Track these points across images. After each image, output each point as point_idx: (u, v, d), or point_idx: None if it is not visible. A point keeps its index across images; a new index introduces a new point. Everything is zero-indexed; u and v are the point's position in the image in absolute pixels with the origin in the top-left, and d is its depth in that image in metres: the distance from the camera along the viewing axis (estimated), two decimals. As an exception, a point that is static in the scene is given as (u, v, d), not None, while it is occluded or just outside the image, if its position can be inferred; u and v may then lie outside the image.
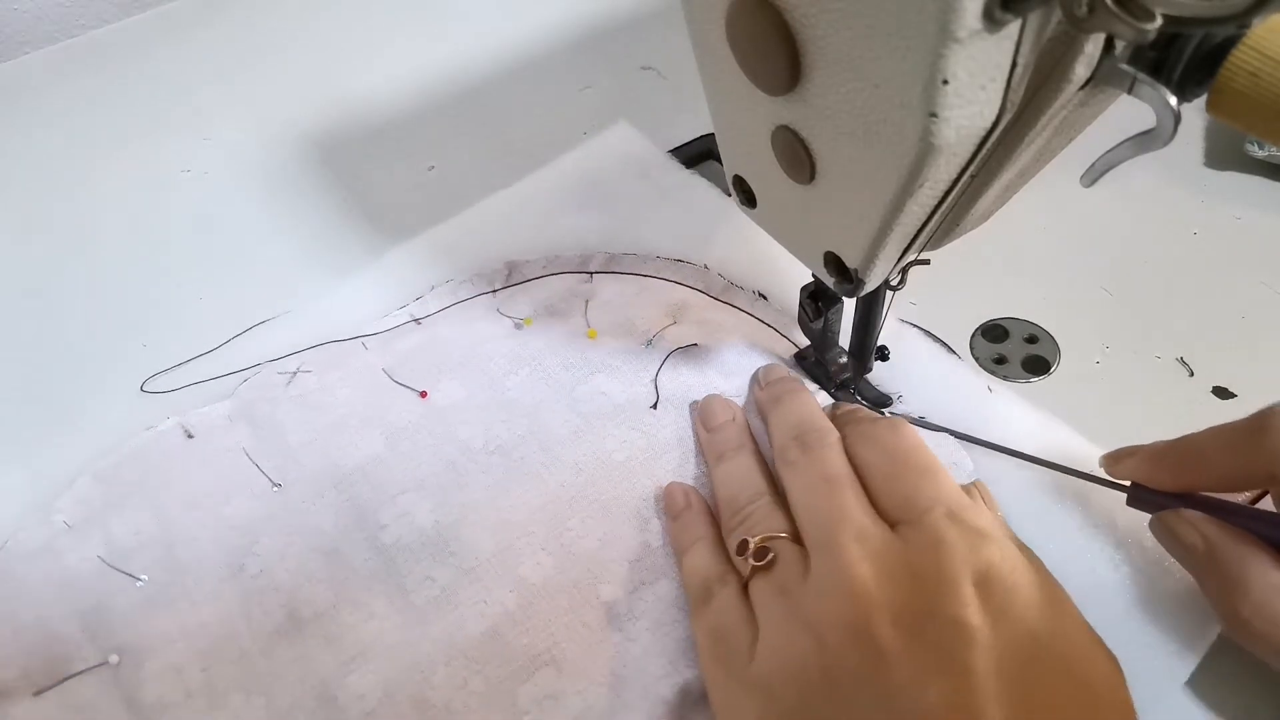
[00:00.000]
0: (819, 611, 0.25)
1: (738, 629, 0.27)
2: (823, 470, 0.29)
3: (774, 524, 0.29)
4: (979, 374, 0.37)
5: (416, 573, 0.31)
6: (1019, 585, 0.25)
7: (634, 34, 0.58)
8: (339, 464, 0.34)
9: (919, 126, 0.19)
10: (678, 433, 0.35)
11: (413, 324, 0.39)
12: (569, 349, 0.38)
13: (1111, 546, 0.30)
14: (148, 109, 0.55)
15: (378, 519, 0.33)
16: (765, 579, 0.28)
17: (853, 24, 0.19)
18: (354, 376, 0.37)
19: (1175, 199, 0.45)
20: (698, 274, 0.41)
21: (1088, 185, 0.22)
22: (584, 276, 0.41)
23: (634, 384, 0.36)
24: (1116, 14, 0.16)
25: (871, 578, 0.25)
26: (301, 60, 0.58)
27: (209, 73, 0.58)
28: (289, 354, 0.38)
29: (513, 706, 0.28)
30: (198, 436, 0.36)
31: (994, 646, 0.23)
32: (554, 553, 0.32)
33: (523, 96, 0.54)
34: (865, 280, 0.26)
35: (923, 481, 0.27)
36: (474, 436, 0.35)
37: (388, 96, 0.55)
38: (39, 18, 0.61)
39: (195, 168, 0.51)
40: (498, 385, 0.37)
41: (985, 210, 0.26)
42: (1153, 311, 0.40)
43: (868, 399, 0.36)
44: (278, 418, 0.36)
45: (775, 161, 0.25)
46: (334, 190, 0.49)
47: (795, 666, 0.25)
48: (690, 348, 0.37)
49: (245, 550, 0.32)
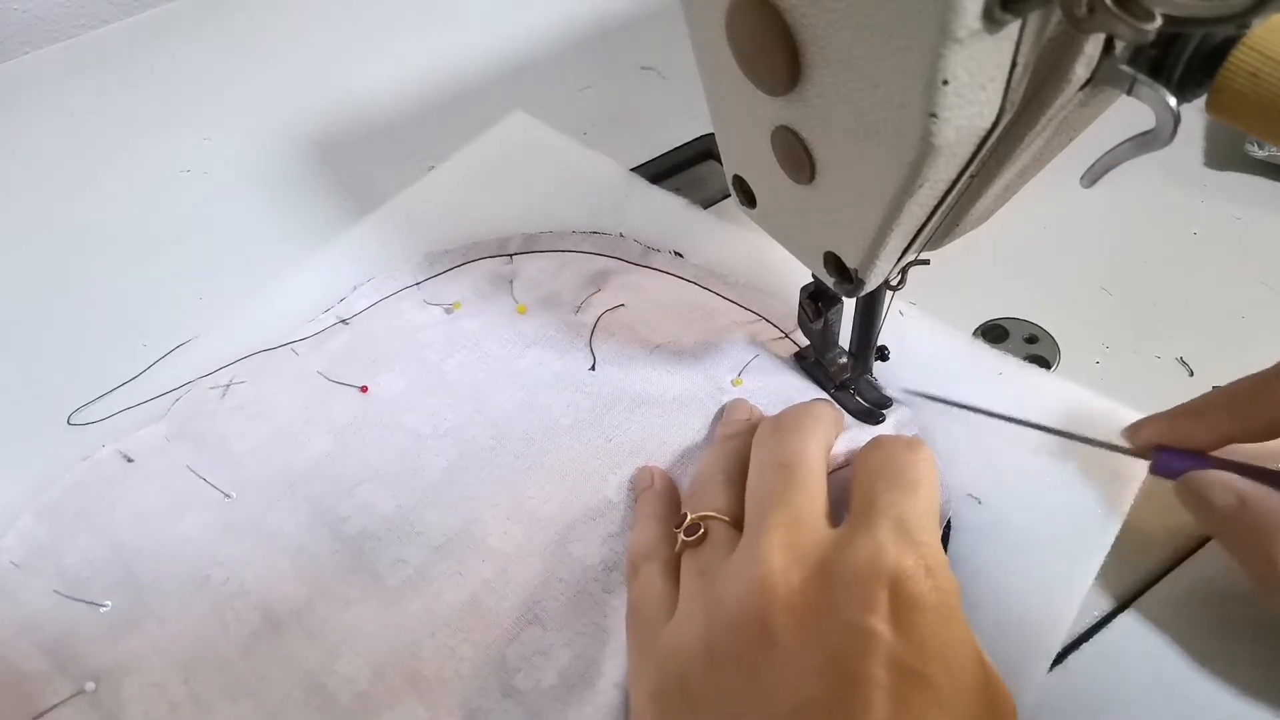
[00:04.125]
0: (722, 593, 0.25)
1: (653, 603, 0.28)
2: (781, 454, 0.28)
3: (718, 503, 0.29)
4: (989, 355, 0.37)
5: (387, 557, 0.32)
6: (931, 605, 0.23)
7: (634, 34, 0.58)
8: (290, 467, 0.34)
9: (919, 126, 0.19)
10: (618, 389, 0.36)
11: (340, 324, 0.40)
12: (502, 326, 0.39)
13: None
14: (148, 109, 0.55)
15: (338, 513, 0.33)
16: (692, 556, 0.28)
17: (853, 24, 0.19)
18: (290, 382, 0.37)
19: (1175, 199, 0.45)
20: (614, 243, 0.43)
21: (1088, 185, 0.22)
22: (504, 259, 0.42)
23: (570, 350, 0.38)
24: (1116, 14, 0.16)
25: (781, 566, 0.25)
26: (301, 60, 0.59)
27: (209, 73, 0.58)
28: (218, 369, 0.38)
29: (503, 666, 0.29)
30: (138, 460, 0.35)
31: (888, 656, 0.22)
32: (520, 521, 0.32)
33: (523, 96, 0.54)
34: (865, 280, 0.26)
35: (895, 491, 0.26)
36: (421, 423, 0.35)
37: (388, 96, 0.55)
38: (39, 18, 0.61)
39: (195, 168, 0.51)
40: (437, 371, 0.37)
41: (985, 210, 0.26)
42: (1153, 311, 0.40)
43: (868, 399, 0.36)
44: (219, 431, 0.36)
45: (775, 161, 0.25)
46: (334, 190, 0.49)
47: (686, 642, 0.25)
48: (618, 309, 0.39)
49: (209, 561, 0.32)
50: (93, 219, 0.48)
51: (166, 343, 0.41)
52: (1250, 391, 0.28)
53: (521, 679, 0.29)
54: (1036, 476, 0.32)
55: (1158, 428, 0.29)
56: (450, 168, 0.47)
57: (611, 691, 0.28)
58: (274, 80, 0.57)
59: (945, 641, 0.23)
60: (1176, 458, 0.28)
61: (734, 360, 0.37)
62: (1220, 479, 0.27)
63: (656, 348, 0.37)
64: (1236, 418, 0.27)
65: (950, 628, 0.24)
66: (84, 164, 0.52)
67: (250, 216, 0.48)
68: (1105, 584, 0.31)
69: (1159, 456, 0.29)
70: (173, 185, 0.50)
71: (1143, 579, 0.31)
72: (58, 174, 0.51)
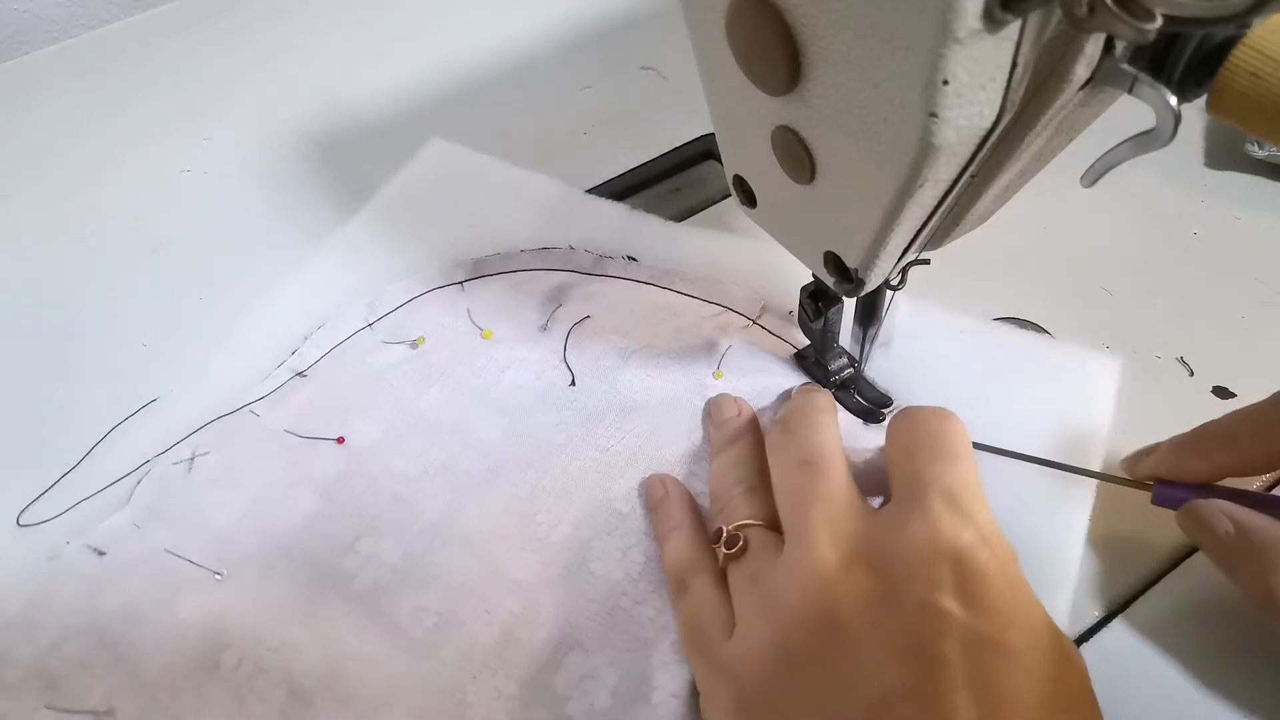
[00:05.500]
0: (781, 597, 0.25)
1: (711, 617, 0.27)
2: (799, 453, 0.29)
3: (749, 511, 0.29)
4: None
5: (406, 607, 0.31)
6: (995, 574, 0.24)
7: (634, 34, 0.58)
8: (280, 532, 0.33)
9: (919, 126, 0.19)
10: (604, 400, 0.35)
11: (297, 378, 0.38)
12: (472, 355, 0.38)
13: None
14: (148, 109, 0.55)
15: (343, 571, 0.32)
16: (738, 567, 0.28)
17: (853, 24, 0.19)
18: (259, 445, 0.35)
19: (1175, 199, 0.45)
20: (565, 256, 0.42)
21: (1088, 185, 0.22)
22: (456, 288, 0.41)
23: (546, 369, 0.37)
24: (1116, 14, 0.16)
25: (836, 561, 0.25)
26: (302, 60, 0.58)
27: (209, 73, 0.58)
28: (174, 443, 0.35)
29: (553, 697, 0.28)
30: (110, 552, 0.33)
31: (962, 632, 0.22)
32: (534, 549, 0.32)
33: (523, 96, 0.54)
34: (865, 280, 0.26)
35: (935, 462, 0.26)
36: (409, 466, 0.34)
37: (388, 96, 0.54)
38: (39, 18, 0.61)
39: (195, 168, 0.51)
40: (413, 410, 0.36)
41: (985, 210, 0.26)
42: (1153, 311, 0.40)
43: (868, 399, 0.36)
44: (193, 507, 0.34)
45: (775, 161, 0.25)
46: (334, 190, 0.49)
47: (757, 652, 0.25)
48: (585, 320, 0.38)
49: (215, 646, 0.30)
50: (93, 219, 0.48)
51: (167, 343, 0.41)
52: (1244, 425, 0.28)
53: (573, 707, 0.28)
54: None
55: (1157, 461, 0.30)
56: (376, 205, 0.46)
57: (671, 702, 0.28)
58: (274, 80, 0.57)
59: (1015, 607, 0.23)
60: (1175, 489, 0.29)
61: (710, 354, 0.37)
62: (1218, 508, 0.27)
63: (632, 353, 0.37)
64: (1235, 453, 0.28)
65: (1017, 592, 0.24)
66: (84, 164, 0.52)
67: (250, 216, 0.48)
68: (1098, 590, 0.31)
69: (1159, 489, 0.29)
70: (173, 185, 0.50)
71: (1136, 585, 0.32)
72: (58, 174, 0.51)
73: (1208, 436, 0.28)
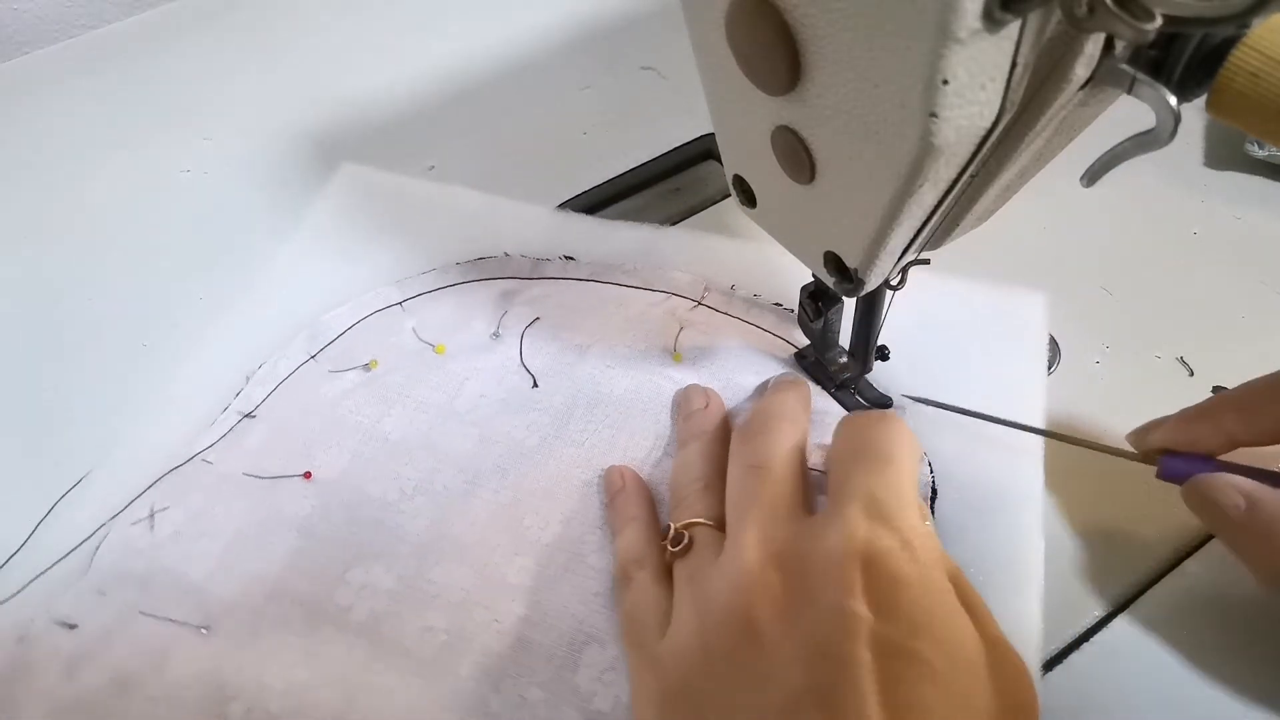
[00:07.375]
0: (711, 596, 0.26)
1: (648, 611, 0.28)
2: (751, 458, 0.29)
3: (701, 509, 0.29)
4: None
5: (411, 631, 0.30)
6: (912, 580, 0.23)
7: (634, 34, 0.58)
8: (262, 576, 0.32)
9: (919, 126, 0.19)
10: (569, 397, 0.36)
11: (246, 420, 0.36)
12: (428, 371, 0.37)
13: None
14: (148, 109, 0.55)
15: (337, 604, 0.31)
16: (682, 564, 0.28)
17: (853, 24, 0.19)
18: (218, 492, 0.34)
19: (1175, 199, 0.45)
20: (502, 264, 0.42)
21: (1088, 185, 0.22)
22: (397, 309, 0.40)
23: (506, 374, 0.37)
24: (1116, 14, 0.16)
25: (760, 563, 0.25)
26: (302, 60, 0.58)
27: (209, 73, 0.58)
28: (125, 505, 0.34)
29: (578, 694, 0.28)
30: (82, 624, 0.31)
31: (871, 636, 0.22)
32: (528, 553, 0.32)
33: (523, 96, 0.54)
34: (865, 280, 0.26)
35: (867, 473, 0.26)
36: (386, 490, 0.34)
37: (388, 96, 0.54)
38: (39, 18, 0.61)
39: (195, 168, 0.51)
40: (377, 434, 0.35)
41: (985, 210, 0.26)
42: (1153, 311, 0.40)
43: (868, 399, 0.36)
44: (163, 565, 0.32)
45: (775, 161, 0.25)
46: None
47: (683, 648, 0.25)
48: (535, 323, 0.39)
49: (217, 700, 0.29)
50: (93, 219, 0.48)
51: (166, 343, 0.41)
52: (1260, 394, 0.28)
53: (600, 701, 0.28)
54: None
55: (1164, 432, 0.29)
56: (301, 237, 0.45)
57: None
58: (274, 80, 0.57)
59: (932, 615, 0.23)
60: (1183, 462, 0.28)
61: (664, 338, 0.37)
62: (1228, 482, 0.27)
63: (588, 348, 0.37)
64: (1246, 420, 0.27)
65: (936, 600, 0.23)
66: (84, 164, 0.52)
67: (250, 216, 0.48)
68: (1104, 586, 0.31)
69: (1165, 461, 0.29)
70: (173, 185, 0.50)
71: (1141, 581, 0.32)
72: (58, 174, 0.51)
73: (1220, 404, 0.28)
